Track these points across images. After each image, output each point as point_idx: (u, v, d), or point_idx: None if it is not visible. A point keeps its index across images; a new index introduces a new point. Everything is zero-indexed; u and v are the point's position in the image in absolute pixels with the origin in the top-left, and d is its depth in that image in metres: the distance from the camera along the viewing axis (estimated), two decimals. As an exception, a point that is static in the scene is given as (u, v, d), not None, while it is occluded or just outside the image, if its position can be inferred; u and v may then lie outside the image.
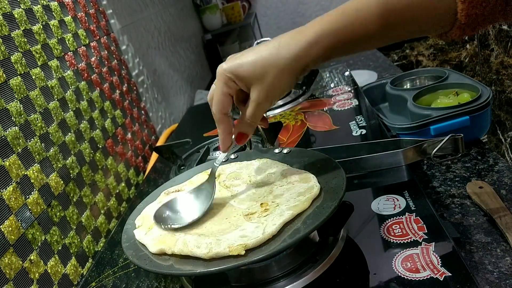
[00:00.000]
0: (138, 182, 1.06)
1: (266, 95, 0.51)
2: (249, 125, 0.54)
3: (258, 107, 0.52)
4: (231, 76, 0.51)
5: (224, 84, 0.52)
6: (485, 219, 0.63)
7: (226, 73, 0.51)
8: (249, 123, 0.54)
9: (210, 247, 0.46)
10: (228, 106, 0.53)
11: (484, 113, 0.80)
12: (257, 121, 0.54)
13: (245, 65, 0.50)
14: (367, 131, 0.84)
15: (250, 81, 0.51)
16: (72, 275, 0.71)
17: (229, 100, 0.53)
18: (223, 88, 0.52)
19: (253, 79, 0.50)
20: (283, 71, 0.50)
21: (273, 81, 0.50)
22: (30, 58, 0.76)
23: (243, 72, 0.50)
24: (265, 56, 0.50)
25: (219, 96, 0.53)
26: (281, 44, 0.50)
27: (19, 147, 0.67)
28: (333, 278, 0.50)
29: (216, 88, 0.53)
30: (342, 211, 0.52)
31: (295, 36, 0.50)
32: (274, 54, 0.49)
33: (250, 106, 0.52)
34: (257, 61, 0.50)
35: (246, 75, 0.50)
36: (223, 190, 0.61)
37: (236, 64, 0.51)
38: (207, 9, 2.18)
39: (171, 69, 1.60)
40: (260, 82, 0.50)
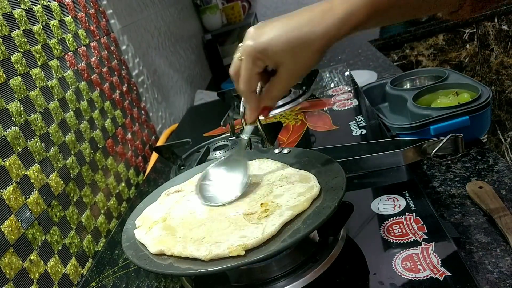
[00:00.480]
0: (138, 182, 1.06)
1: (296, 72, 0.51)
2: (275, 98, 0.55)
3: (286, 84, 0.52)
4: (260, 55, 0.50)
5: (253, 63, 0.51)
6: (485, 219, 0.63)
7: (255, 52, 0.50)
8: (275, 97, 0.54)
9: (210, 250, 0.46)
10: (256, 84, 0.53)
11: (484, 113, 0.80)
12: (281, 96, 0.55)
13: (275, 44, 0.49)
14: (367, 131, 0.84)
15: (280, 59, 0.50)
16: (72, 275, 0.71)
17: (258, 77, 0.53)
18: (252, 67, 0.51)
19: (284, 57, 0.49)
20: (315, 49, 0.49)
21: (303, 59, 0.49)
22: (30, 58, 0.76)
23: (273, 51, 0.49)
24: (296, 33, 0.48)
25: (248, 75, 0.52)
26: (311, 20, 0.48)
27: (19, 147, 0.67)
28: (333, 278, 0.50)
29: (244, 67, 0.51)
30: (342, 211, 0.52)
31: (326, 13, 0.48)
32: (306, 30, 0.48)
33: (278, 83, 0.52)
34: (287, 38, 0.48)
35: (277, 54, 0.49)
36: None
37: (265, 43, 0.49)
38: (207, 9, 2.18)
39: (171, 69, 1.60)
40: (290, 60, 0.49)
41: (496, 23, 2.04)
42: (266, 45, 0.49)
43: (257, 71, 0.52)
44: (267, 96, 0.54)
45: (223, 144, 0.90)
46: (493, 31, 2.05)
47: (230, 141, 0.91)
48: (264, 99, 0.54)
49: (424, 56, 2.09)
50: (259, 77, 0.53)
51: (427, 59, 2.10)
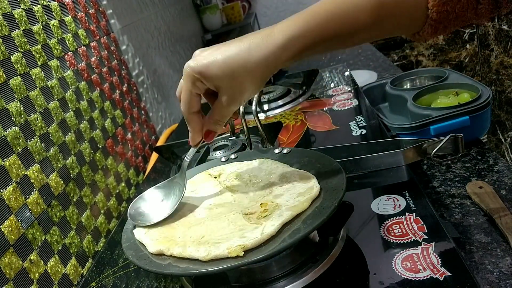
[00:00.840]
0: (138, 182, 1.06)
1: (234, 97, 0.50)
2: (217, 123, 0.54)
3: (226, 109, 0.51)
4: (199, 76, 0.49)
5: (191, 84, 0.50)
6: (485, 219, 0.63)
7: (194, 73, 0.49)
8: (217, 121, 0.53)
9: (209, 250, 0.46)
10: (196, 105, 0.52)
11: (484, 113, 0.80)
12: (225, 121, 0.53)
13: (213, 66, 0.48)
14: (367, 131, 0.84)
15: (218, 83, 0.49)
16: (72, 275, 0.71)
17: (198, 99, 0.52)
18: (191, 88, 0.51)
19: (221, 81, 0.49)
20: (252, 74, 0.49)
21: (241, 84, 0.49)
22: (30, 58, 0.76)
23: (211, 73, 0.49)
24: (234, 58, 0.48)
25: (187, 96, 0.51)
26: (251, 46, 0.48)
27: (19, 147, 0.67)
28: (333, 278, 0.50)
29: (184, 87, 0.51)
30: (342, 211, 0.52)
31: (265, 39, 0.48)
32: (245, 57, 0.48)
33: (218, 107, 0.52)
34: (226, 62, 0.48)
35: (214, 76, 0.49)
36: (223, 190, 0.61)
37: (203, 65, 0.49)
38: (207, 9, 2.18)
39: (171, 69, 1.60)
40: (228, 84, 0.49)
41: (496, 23, 2.04)
42: (205, 68, 0.49)
43: (196, 92, 0.51)
44: (210, 120, 0.53)
45: (223, 144, 0.90)
46: (493, 31, 2.05)
47: (230, 141, 0.91)
48: (207, 122, 0.54)
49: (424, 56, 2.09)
50: (199, 99, 0.52)
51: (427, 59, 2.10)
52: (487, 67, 2.12)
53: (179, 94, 0.54)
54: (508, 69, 2.11)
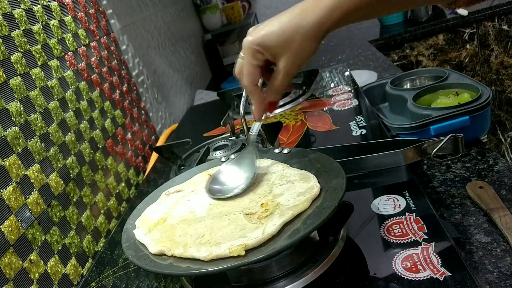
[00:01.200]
0: (138, 182, 1.06)
1: (293, 61, 0.53)
2: (278, 92, 0.57)
3: (287, 75, 0.54)
4: (258, 48, 0.53)
5: (252, 56, 0.54)
6: (485, 219, 0.63)
7: (253, 46, 0.53)
8: (278, 90, 0.56)
9: (211, 250, 0.46)
10: (258, 77, 0.55)
11: (484, 113, 0.80)
12: (285, 88, 0.57)
13: (270, 36, 0.52)
14: (367, 131, 0.84)
15: (276, 50, 0.52)
16: (72, 275, 0.71)
17: (259, 71, 0.55)
18: (252, 60, 0.54)
19: (279, 48, 0.52)
20: (308, 37, 0.51)
21: (299, 48, 0.52)
22: (30, 58, 0.76)
23: (270, 42, 0.52)
24: (289, 24, 0.51)
25: (249, 68, 0.54)
26: (303, 11, 0.51)
27: (19, 147, 0.67)
28: (333, 278, 0.50)
29: (245, 61, 0.54)
30: (342, 211, 0.52)
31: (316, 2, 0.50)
32: (299, 20, 0.51)
33: (279, 75, 0.54)
34: (282, 29, 0.52)
35: (273, 45, 0.52)
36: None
37: (261, 36, 0.53)
38: (207, 9, 2.18)
39: (171, 69, 1.60)
40: (286, 50, 0.52)
41: (496, 23, 2.04)
42: (262, 38, 0.53)
43: (258, 64, 0.54)
44: (270, 90, 0.57)
45: (223, 144, 0.90)
46: (493, 31, 2.05)
47: (230, 141, 0.91)
48: (267, 94, 0.57)
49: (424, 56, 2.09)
50: (260, 71, 0.55)
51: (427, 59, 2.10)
52: (487, 67, 2.12)
53: (238, 72, 0.57)
54: (508, 69, 2.11)
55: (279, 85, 0.56)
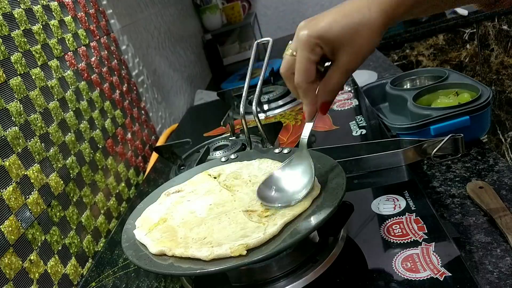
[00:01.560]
0: (138, 182, 1.06)
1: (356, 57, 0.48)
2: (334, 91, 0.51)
3: (346, 72, 0.49)
4: (319, 41, 0.47)
5: (310, 51, 0.48)
6: (485, 219, 0.63)
7: (312, 39, 0.47)
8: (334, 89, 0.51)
9: (212, 250, 0.46)
10: (314, 74, 0.49)
11: (484, 113, 0.80)
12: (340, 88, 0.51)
13: (333, 27, 0.47)
14: (367, 131, 0.84)
15: (339, 44, 0.47)
16: (72, 275, 0.71)
17: (315, 67, 0.49)
18: (309, 55, 0.48)
19: (343, 40, 0.47)
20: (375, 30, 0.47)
21: (364, 42, 0.47)
22: (30, 58, 0.76)
23: (332, 35, 0.47)
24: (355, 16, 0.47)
25: (305, 64, 0.49)
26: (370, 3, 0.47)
27: (19, 147, 0.67)
28: (333, 278, 0.50)
29: (300, 57, 0.49)
30: (342, 211, 0.52)
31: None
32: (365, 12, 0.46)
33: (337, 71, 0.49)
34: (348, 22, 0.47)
35: (335, 37, 0.47)
36: (223, 190, 0.61)
37: (322, 28, 0.47)
38: (207, 9, 2.18)
39: (171, 69, 1.60)
40: (350, 44, 0.47)
41: (496, 23, 2.04)
42: (324, 30, 0.47)
43: (315, 59, 0.49)
44: (324, 89, 0.51)
45: (223, 144, 0.90)
46: (493, 31, 2.05)
47: (230, 141, 0.91)
48: (321, 93, 0.51)
49: (424, 56, 2.09)
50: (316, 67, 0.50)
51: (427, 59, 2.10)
52: (487, 67, 2.12)
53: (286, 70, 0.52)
54: (508, 69, 2.11)
55: (336, 83, 0.50)
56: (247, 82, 0.74)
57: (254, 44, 0.77)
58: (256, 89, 0.72)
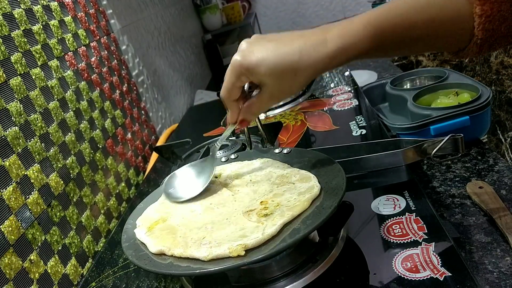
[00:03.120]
0: (138, 182, 1.06)
1: (277, 95, 0.53)
2: (253, 114, 0.56)
3: (266, 104, 0.54)
4: (246, 72, 0.51)
5: (237, 77, 0.52)
6: (485, 219, 0.63)
7: (241, 69, 0.51)
8: (254, 113, 0.55)
9: (211, 251, 0.46)
10: (236, 95, 0.54)
11: (484, 113, 0.80)
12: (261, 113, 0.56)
13: (263, 66, 0.50)
14: (367, 131, 0.84)
15: (264, 81, 0.51)
16: (72, 275, 0.71)
17: (239, 90, 0.54)
18: (235, 81, 0.52)
19: (268, 79, 0.50)
20: (299, 77, 0.50)
21: (288, 85, 0.51)
22: (30, 58, 0.76)
23: (259, 71, 0.50)
24: (284, 60, 0.49)
25: (229, 86, 0.53)
26: (302, 51, 0.49)
27: (19, 147, 0.67)
28: (333, 278, 0.50)
29: (228, 78, 0.53)
30: (342, 211, 0.52)
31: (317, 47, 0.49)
32: (295, 61, 0.49)
33: (258, 101, 0.53)
34: (275, 62, 0.49)
35: (262, 74, 0.50)
36: (223, 190, 0.61)
37: (253, 62, 0.50)
38: (207, 9, 2.18)
39: (171, 69, 1.60)
40: (274, 83, 0.51)
41: (496, 23, 2.04)
42: (254, 65, 0.50)
43: (239, 85, 0.53)
44: (246, 110, 0.55)
45: (223, 144, 0.90)
46: (493, 31, 2.05)
47: (230, 141, 0.91)
48: (244, 111, 0.55)
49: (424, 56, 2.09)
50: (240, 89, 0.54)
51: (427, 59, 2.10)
52: (487, 67, 2.12)
53: None
54: (508, 69, 2.11)
55: (256, 109, 0.55)
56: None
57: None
58: (256, 89, 0.72)
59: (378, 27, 0.49)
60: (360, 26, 0.49)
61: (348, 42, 0.48)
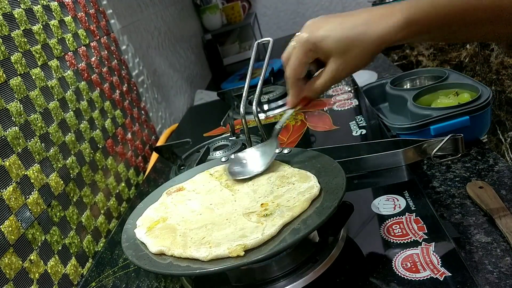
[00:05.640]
0: (138, 182, 1.06)
1: (345, 69, 0.52)
2: (317, 91, 0.55)
3: (333, 79, 0.53)
4: (313, 47, 0.51)
5: (304, 54, 0.51)
6: (485, 219, 0.63)
7: (308, 44, 0.51)
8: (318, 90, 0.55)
9: (210, 251, 0.46)
10: (303, 73, 0.54)
11: (484, 113, 0.80)
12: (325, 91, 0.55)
13: (329, 39, 0.49)
14: (367, 131, 0.84)
15: (331, 55, 0.50)
16: (72, 275, 0.71)
17: (305, 68, 0.54)
18: (302, 57, 0.52)
19: (335, 53, 0.50)
20: (367, 50, 0.49)
21: (354, 58, 0.50)
22: (30, 58, 0.76)
23: (327, 46, 0.50)
24: (351, 31, 0.49)
25: (296, 64, 0.52)
26: (369, 22, 0.49)
27: (19, 147, 0.67)
28: (333, 278, 0.50)
29: (294, 55, 0.52)
30: (342, 211, 0.52)
31: (384, 17, 0.48)
32: (362, 32, 0.49)
33: (325, 76, 0.53)
34: (342, 35, 0.49)
35: (329, 49, 0.50)
36: (224, 190, 0.61)
37: (320, 36, 0.50)
38: (207, 9, 2.18)
39: (171, 69, 1.60)
40: (341, 57, 0.50)
41: (496, 23, 2.04)
42: (320, 39, 0.50)
43: (306, 61, 0.53)
44: (309, 86, 0.55)
45: (223, 144, 0.90)
46: (493, 31, 2.05)
47: (230, 141, 0.91)
48: (306, 88, 0.55)
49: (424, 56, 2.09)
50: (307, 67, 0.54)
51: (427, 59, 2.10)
52: (487, 67, 2.12)
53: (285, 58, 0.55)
54: (508, 69, 2.11)
55: (321, 85, 0.54)
56: (247, 82, 0.74)
57: (255, 44, 0.77)
58: (256, 89, 0.72)
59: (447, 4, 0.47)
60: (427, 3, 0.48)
61: (416, 15, 0.47)
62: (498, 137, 2.10)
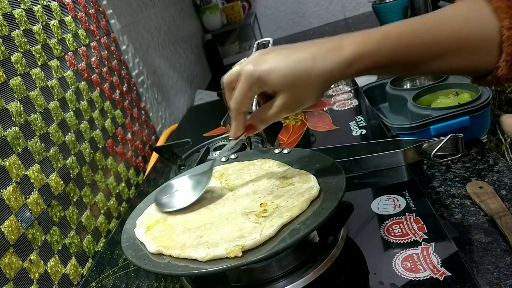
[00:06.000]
0: (138, 182, 1.06)
1: (292, 104, 0.49)
2: (264, 123, 0.53)
3: (280, 113, 0.50)
4: (258, 82, 0.48)
5: (248, 88, 0.49)
6: (485, 219, 0.63)
7: (252, 79, 0.48)
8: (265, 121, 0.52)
9: (208, 251, 0.46)
10: (246, 106, 0.51)
11: (484, 113, 0.80)
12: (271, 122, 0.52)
13: (274, 73, 0.47)
14: (367, 131, 0.84)
15: (278, 89, 0.48)
16: (72, 275, 0.71)
17: (249, 101, 0.51)
18: (247, 92, 0.49)
19: (282, 88, 0.48)
20: (314, 86, 0.47)
21: (301, 93, 0.48)
22: (30, 58, 0.76)
23: (272, 80, 0.48)
24: (298, 66, 0.47)
25: (240, 98, 0.50)
26: (316, 57, 0.46)
27: (19, 147, 0.67)
28: (333, 278, 0.50)
29: (239, 89, 0.50)
30: (342, 211, 0.52)
31: (333, 52, 0.46)
32: (308, 67, 0.46)
33: (272, 109, 0.50)
34: (289, 70, 0.47)
35: (275, 83, 0.48)
36: (224, 190, 0.61)
37: (265, 70, 0.48)
38: (207, 9, 2.18)
39: (171, 69, 1.60)
40: (288, 92, 0.48)
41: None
42: (266, 74, 0.48)
43: (251, 95, 0.51)
44: (257, 117, 0.52)
45: (223, 144, 0.90)
46: (493, 31, 2.05)
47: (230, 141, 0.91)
48: (253, 118, 0.53)
49: (424, 56, 2.09)
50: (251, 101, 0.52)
51: (427, 59, 2.09)
52: (487, 67, 2.12)
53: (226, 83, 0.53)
54: (508, 69, 2.10)
55: (269, 117, 0.51)
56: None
57: (255, 44, 0.77)
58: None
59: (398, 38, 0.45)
60: (379, 36, 0.46)
61: (365, 50, 0.45)
62: (498, 137, 2.10)
